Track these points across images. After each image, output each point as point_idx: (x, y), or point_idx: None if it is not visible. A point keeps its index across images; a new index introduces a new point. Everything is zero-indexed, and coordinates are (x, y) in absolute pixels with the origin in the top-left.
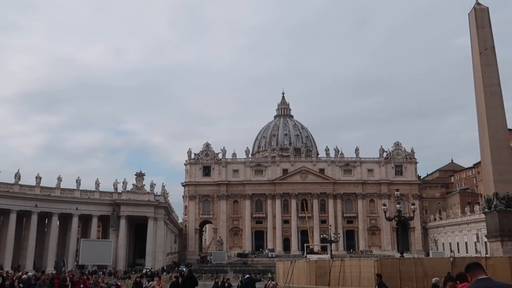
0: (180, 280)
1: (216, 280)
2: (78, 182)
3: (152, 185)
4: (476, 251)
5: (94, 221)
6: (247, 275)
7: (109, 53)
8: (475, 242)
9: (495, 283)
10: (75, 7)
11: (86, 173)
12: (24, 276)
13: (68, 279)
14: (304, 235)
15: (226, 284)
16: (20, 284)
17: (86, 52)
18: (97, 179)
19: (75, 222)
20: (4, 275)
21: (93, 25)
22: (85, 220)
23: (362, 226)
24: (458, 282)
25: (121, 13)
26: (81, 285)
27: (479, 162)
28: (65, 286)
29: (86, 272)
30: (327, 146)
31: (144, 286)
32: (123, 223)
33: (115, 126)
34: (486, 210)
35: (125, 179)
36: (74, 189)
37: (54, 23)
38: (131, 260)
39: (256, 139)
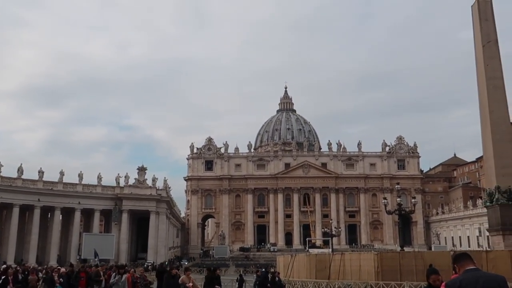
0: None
1: (258, 273)
2: (80, 176)
3: (154, 179)
4: (478, 245)
5: (96, 215)
6: (263, 269)
7: (112, 48)
8: (477, 236)
9: (482, 274)
10: (78, 1)
11: (90, 168)
12: (63, 269)
13: (101, 273)
14: (306, 229)
15: (277, 279)
16: (61, 279)
17: (90, 47)
18: (99, 173)
19: (77, 216)
20: (30, 268)
21: (96, 19)
22: (87, 214)
23: (364, 220)
24: None
25: (125, 7)
26: None
27: (482, 156)
28: (99, 282)
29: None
30: (329, 141)
31: (112, 280)
32: (125, 217)
33: (119, 121)
34: (488, 204)
35: (127, 173)
36: (76, 184)
37: (58, 18)
38: (133, 254)
39: (259, 133)
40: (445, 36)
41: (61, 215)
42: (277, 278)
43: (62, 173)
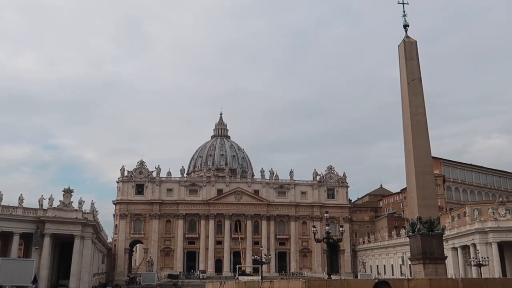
0: None
1: None
2: None
3: (81, 202)
4: (401, 273)
5: (15, 239)
6: None
7: (42, 64)
8: (400, 265)
9: None
10: (8, 14)
11: (10, 188)
12: None
13: None
14: (236, 256)
15: None
16: None
17: (18, 61)
18: (21, 194)
19: None
20: None
21: (28, 35)
22: (5, 238)
23: (294, 248)
24: None
25: (60, 24)
26: None
27: (406, 188)
28: None
29: None
30: (262, 168)
31: None
32: (47, 241)
33: (44, 140)
34: (410, 233)
35: (51, 195)
36: None
37: None
38: (54, 281)
39: (192, 158)
40: (374, 72)
41: None
42: None
43: None
